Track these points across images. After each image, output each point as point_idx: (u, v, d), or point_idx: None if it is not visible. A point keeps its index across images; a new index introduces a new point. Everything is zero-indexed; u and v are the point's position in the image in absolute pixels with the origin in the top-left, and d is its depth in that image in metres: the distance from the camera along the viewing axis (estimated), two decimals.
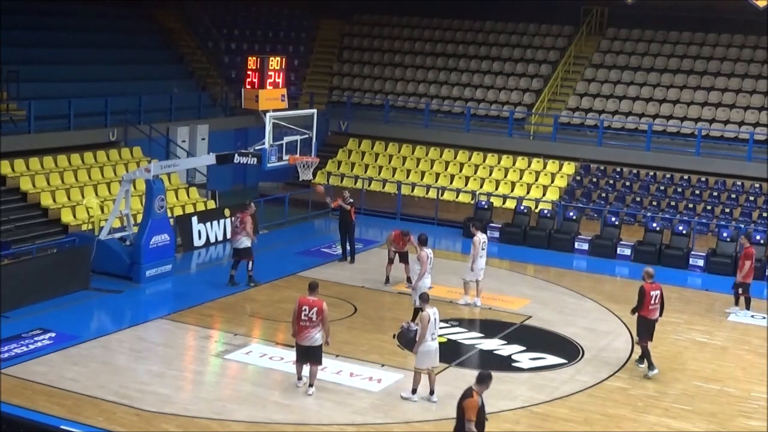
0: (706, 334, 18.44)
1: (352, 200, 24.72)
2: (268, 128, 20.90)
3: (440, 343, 18.39)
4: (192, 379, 16.56)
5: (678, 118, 31.36)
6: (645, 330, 17.25)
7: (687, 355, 18.46)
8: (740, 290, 21.17)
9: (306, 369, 15.74)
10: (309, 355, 15.55)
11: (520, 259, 25.70)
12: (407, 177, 31.57)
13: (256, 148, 21.21)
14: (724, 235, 25.58)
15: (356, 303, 20.72)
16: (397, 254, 22.36)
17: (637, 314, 17.34)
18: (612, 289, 23.40)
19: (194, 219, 25.19)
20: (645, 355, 17.23)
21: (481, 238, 20.96)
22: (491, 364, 17.61)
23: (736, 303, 21.35)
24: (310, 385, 15.68)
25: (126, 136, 27.99)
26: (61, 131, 26.39)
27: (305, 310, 15.29)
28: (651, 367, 17.10)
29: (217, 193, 28.41)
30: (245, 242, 21.40)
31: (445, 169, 31.59)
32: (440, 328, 18.92)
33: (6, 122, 24.62)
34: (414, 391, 15.65)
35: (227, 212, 26.06)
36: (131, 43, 32.82)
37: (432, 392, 15.71)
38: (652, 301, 17.14)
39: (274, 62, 21.30)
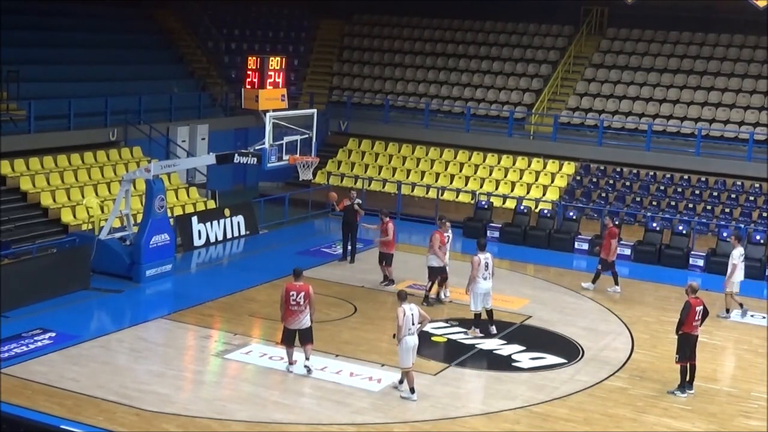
0: (706, 334, 18.43)
1: (359, 201, 24.72)
2: (268, 128, 20.90)
3: (440, 343, 18.56)
4: (192, 378, 16.57)
5: (678, 118, 31.36)
6: (688, 348, 16.29)
7: None
8: (604, 268, 22.56)
9: (297, 355, 16.40)
10: (301, 337, 16.30)
11: (520, 259, 25.70)
12: (407, 177, 31.57)
13: (256, 148, 21.21)
14: (724, 235, 25.57)
15: (356, 303, 20.73)
16: (380, 255, 22.31)
17: (679, 332, 16.45)
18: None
19: (194, 219, 25.19)
20: (681, 376, 16.39)
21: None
22: (491, 363, 17.65)
23: (594, 281, 22.72)
24: (307, 358, 16.39)
25: (126, 136, 28.00)
26: (61, 131, 26.40)
27: (293, 295, 16.07)
28: (682, 388, 16.38)
29: (217, 193, 28.41)
30: (432, 261, 20.78)
31: (445, 169, 31.60)
32: (440, 328, 19.15)
33: (6, 122, 24.62)
34: (412, 390, 15.71)
35: (227, 212, 26.10)
36: (131, 43, 32.83)
37: (401, 381, 15.90)
38: (696, 317, 16.34)
39: (274, 62, 21.29)
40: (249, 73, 21.12)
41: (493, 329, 19.00)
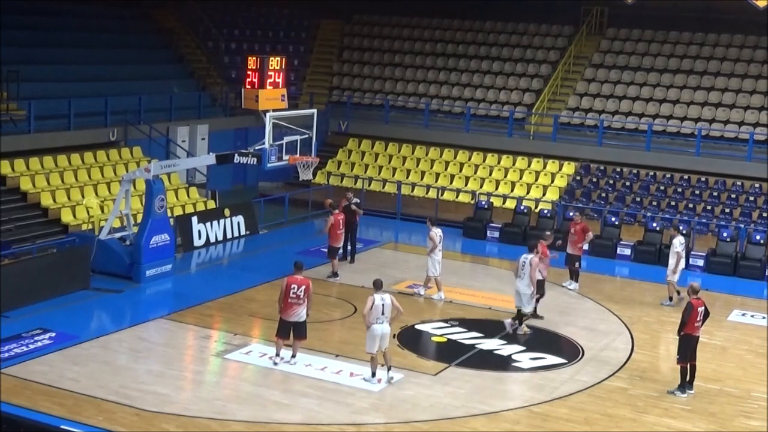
0: (706, 334, 18.40)
1: (357, 200, 24.74)
2: (268, 128, 20.89)
3: (440, 343, 18.57)
4: (192, 378, 16.57)
5: (678, 118, 31.37)
6: (688, 349, 16.34)
7: None
8: (570, 262, 22.76)
9: (284, 349, 16.86)
10: (295, 330, 16.66)
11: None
12: (407, 177, 31.57)
13: (256, 148, 21.20)
14: (724, 235, 25.59)
15: (356, 303, 20.71)
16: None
17: (681, 333, 16.44)
18: (612, 289, 23.39)
19: (194, 219, 25.18)
20: (681, 377, 16.40)
21: (437, 231, 21.44)
22: (491, 363, 17.64)
23: (572, 277, 22.92)
24: (293, 356, 16.78)
25: (126, 136, 28.00)
26: (61, 131, 26.39)
27: (294, 288, 16.48)
28: (682, 388, 16.38)
29: (217, 193, 28.40)
30: (538, 274, 19.87)
31: (445, 169, 31.60)
32: (440, 328, 19.17)
33: (6, 122, 24.61)
34: (373, 374, 16.12)
35: (227, 212, 26.09)
36: (131, 43, 32.83)
37: (389, 368, 16.21)
38: (698, 318, 16.31)
39: (274, 62, 21.29)
40: (249, 73, 21.11)
41: (508, 324, 19.16)
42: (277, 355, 16.84)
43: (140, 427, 14.19)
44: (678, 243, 21.68)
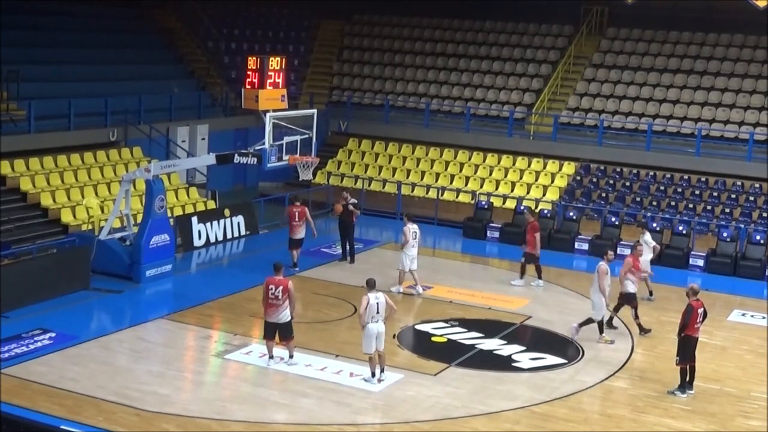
0: (706, 334, 18.42)
1: (355, 201, 24.73)
2: (268, 128, 20.90)
3: (440, 343, 18.57)
4: (192, 379, 16.58)
5: (678, 118, 31.36)
6: (688, 350, 16.35)
7: None
8: (528, 261, 22.68)
9: (276, 347, 16.87)
10: (280, 332, 16.64)
11: (520, 259, 25.63)
12: (407, 177, 31.56)
13: (256, 148, 21.22)
14: (724, 235, 25.59)
15: (356, 303, 20.63)
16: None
17: (681, 334, 16.43)
18: (612, 289, 23.33)
19: (194, 219, 25.19)
20: (681, 377, 16.40)
21: (411, 227, 21.65)
22: (491, 364, 17.64)
23: (521, 276, 22.83)
24: (290, 356, 16.83)
25: (126, 136, 27.99)
26: (61, 131, 26.39)
27: (272, 289, 16.44)
28: (682, 388, 16.38)
29: (217, 193, 28.41)
30: (630, 287, 19.54)
31: (445, 169, 31.59)
32: (440, 328, 19.17)
33: (6, 122, 24.62)
34: (372, 375, 16.18)
35: (227, 212, 26.10)
36: (131, 43, 32.81)
37: (382, 369, 16.29)
38: (699, 319, 16.29)
39: (274, 62, 21.30)
40: (249, 73, 21.13)
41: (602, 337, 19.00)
42: (271, 357, 16.81)
43: (140, 427, 14.20)
44: (649, 238, 22.27)
